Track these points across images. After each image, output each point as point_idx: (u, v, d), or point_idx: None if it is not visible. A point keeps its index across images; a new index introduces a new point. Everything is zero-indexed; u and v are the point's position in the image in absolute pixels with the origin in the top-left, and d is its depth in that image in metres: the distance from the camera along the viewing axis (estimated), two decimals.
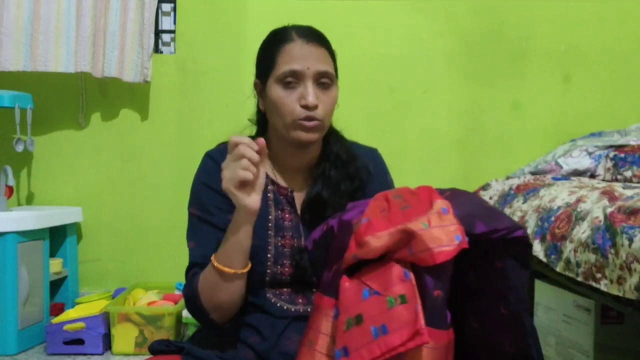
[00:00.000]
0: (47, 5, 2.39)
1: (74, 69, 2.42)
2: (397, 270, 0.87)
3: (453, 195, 0.97)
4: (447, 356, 0.90)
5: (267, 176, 1.17)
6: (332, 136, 1.21)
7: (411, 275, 0.86)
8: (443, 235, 0.86)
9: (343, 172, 1.18)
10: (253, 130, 1.26)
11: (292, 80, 1.09)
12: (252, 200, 1.01)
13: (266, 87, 1.12)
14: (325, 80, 1.11)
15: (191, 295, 1.08)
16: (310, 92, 1.08)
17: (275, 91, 1.10)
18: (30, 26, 2.39)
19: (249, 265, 1.07)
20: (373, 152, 1.29)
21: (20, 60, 2.39)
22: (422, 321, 0.82)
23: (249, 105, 2.93)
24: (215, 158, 1.16)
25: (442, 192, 0.98)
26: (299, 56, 1.09)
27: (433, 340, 0.85)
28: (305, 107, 1.08)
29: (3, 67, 2.38)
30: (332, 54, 1.15)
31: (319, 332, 0.92)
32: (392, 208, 0.94)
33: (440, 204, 0.91)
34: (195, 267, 1.11)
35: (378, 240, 0.89)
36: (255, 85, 1.18)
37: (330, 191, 1.16)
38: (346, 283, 0.90)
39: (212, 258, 1.05)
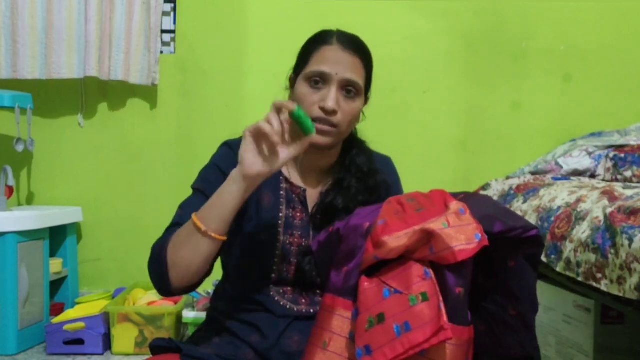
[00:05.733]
0: (59, 15, 2.44)
1: (83, 74, 2.46)
2: (417, 269, 0.88)
3: (467, 198, 0.99)
4: (469, 352, 0.92)
5: (281, 174, 1.18)
6: (356, 146, 1.22)
7: (431, 274, 0.88)
8: (463, 234, 0.88)
9: (363, 185, 1.19)
10: None
11: (319, 81, 1.10)
12: (252, 158, 0.97)
13: (296, 81, 1.15)
14: (351, 89, 1.12)
15: (158, 247, 1.05)
16: (332, 98, 1.09)
17: (301, 87, 1.12)
18: (44, 36, 2.44)
19: (224, 237, 1.02)
20: (387, 160, 1.30)
21: (37, 69, 2.45)
22: (445, 318, 0.83)
23: (249, 105, 2.92)
24: (232, 147, 1.17)
25: (455, 196, 1.00)
26: (330, 60, 1.10)
27: (455, 337, 0.87)
28: (323, 109, 1.09)
29: (21, 76, 2.44)
30: (366, 66, 1.15)
31: (332, 332, 0.93)
32: (406, 210, 0.96)
33: (456, 205, 0.93)
34: (175, 226, 1.09)
35: (396, 240, 0.90)
36: (290, 78, 1.20)
37: (346, 201, 1.16)
38: (365, 283, 0.92)
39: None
